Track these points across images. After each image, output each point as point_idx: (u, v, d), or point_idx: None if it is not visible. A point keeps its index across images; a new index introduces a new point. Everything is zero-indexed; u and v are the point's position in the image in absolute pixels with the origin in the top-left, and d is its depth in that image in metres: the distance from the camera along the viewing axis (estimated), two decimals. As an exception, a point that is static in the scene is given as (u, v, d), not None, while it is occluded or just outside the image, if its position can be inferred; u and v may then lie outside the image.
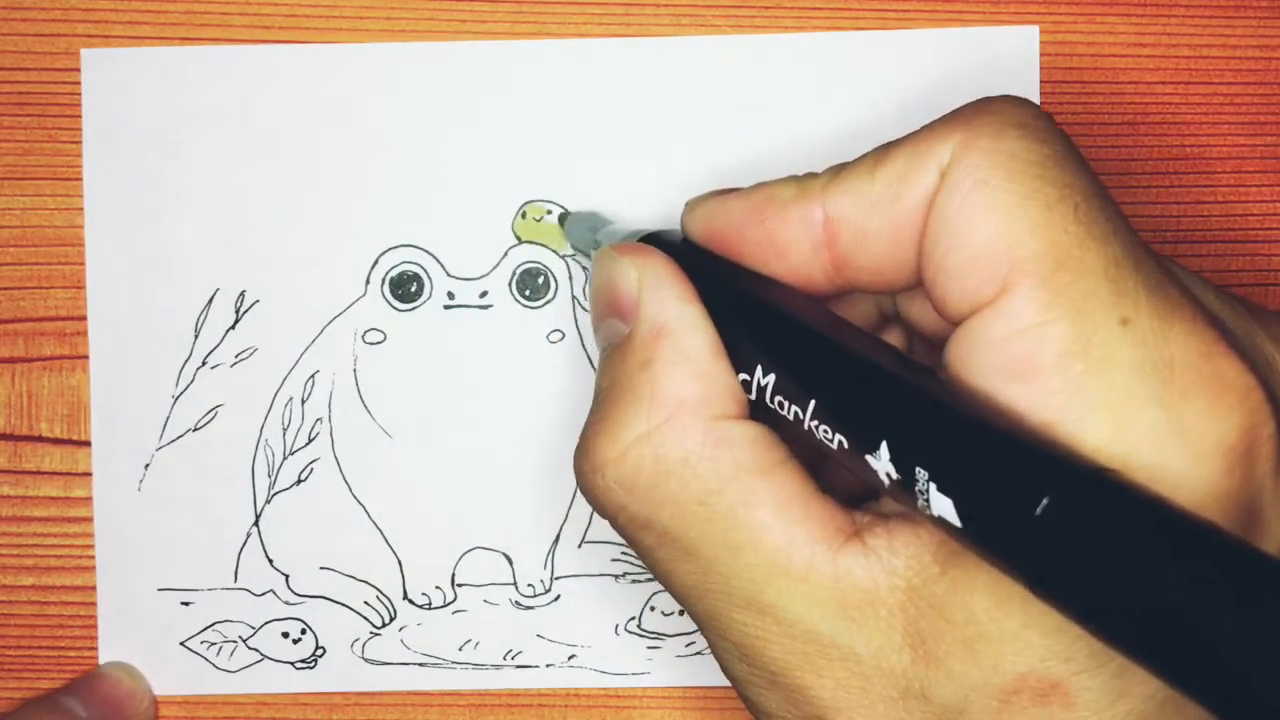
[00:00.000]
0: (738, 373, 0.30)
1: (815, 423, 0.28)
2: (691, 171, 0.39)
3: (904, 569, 0.27)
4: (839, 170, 0.30)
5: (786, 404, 0.29)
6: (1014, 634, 0.26)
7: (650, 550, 0.30)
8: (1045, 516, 0.23)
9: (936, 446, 0.25)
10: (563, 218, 0.39)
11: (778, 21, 0.39)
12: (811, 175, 0.30)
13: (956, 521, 0.25)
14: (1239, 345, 0.26)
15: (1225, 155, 0.39)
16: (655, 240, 0.33)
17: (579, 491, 0.31)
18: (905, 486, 0.26)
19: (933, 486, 0.25)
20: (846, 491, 0.30)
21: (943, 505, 0.25)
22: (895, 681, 0.28)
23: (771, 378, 0.29)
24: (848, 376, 0.28)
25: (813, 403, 0.28)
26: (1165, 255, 0.30)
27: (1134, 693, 0.26)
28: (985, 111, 0.28)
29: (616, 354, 0.31)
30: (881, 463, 0.26)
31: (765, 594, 0.28)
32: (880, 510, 0.29)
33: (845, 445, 0.27)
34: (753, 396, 0.30)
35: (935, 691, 0.27)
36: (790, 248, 0.30)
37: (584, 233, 0.37)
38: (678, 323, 0.30)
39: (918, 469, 0.25)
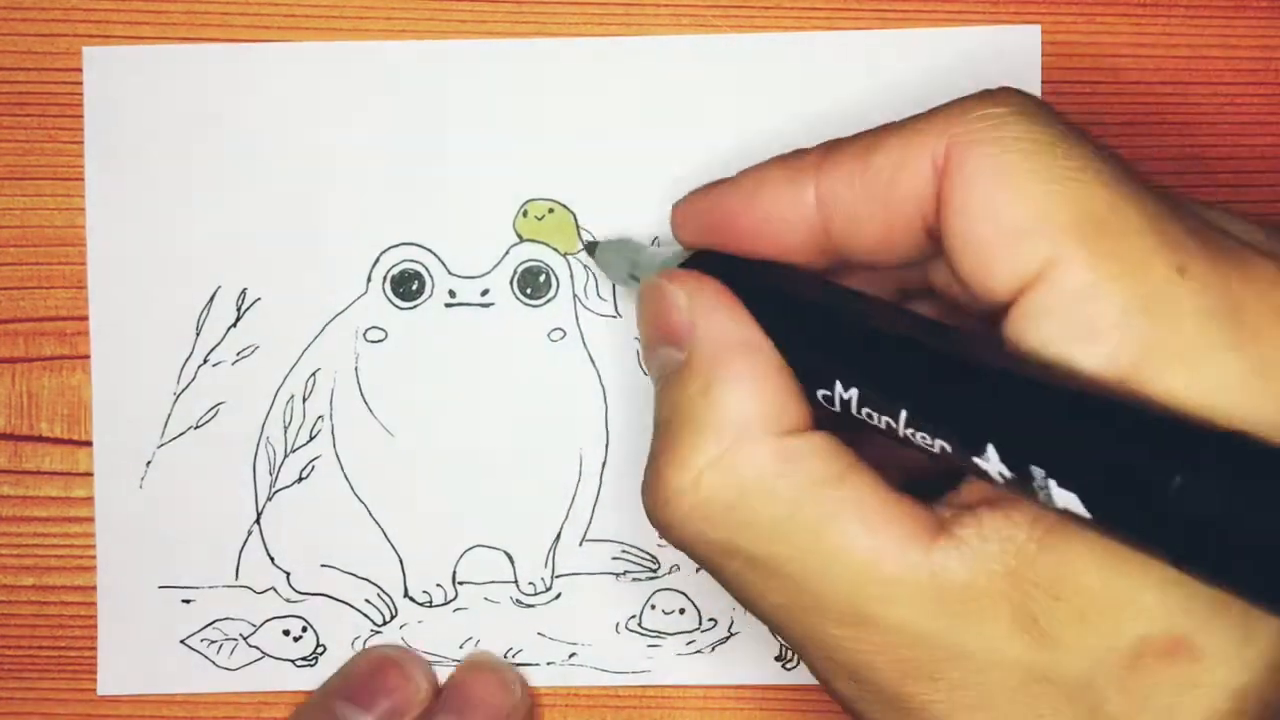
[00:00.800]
0: (816, 389, 0.29)
1: (911, 430, 0.27)
2: (691, 171, 0.39)
3: (1000, 554, 0.27)
4: (830, 150, 0.30)
5: (876, 415, 0.28)
6: (1128, 598, 0.26)
7: (735, 576, 0.30)
8: (1180, 494, 0.23)
9: (1048, 444, 0.25)
10: (591, 247, 0.39)
11: (778, 21, 0.39)
12: (801, 152, 0.30)
13: (1084, 513, 0.24)
14: None
15: (1225, 155, 0.40)
16: (701, 260, 0.32)
17: (654, 528, 0.30)
18: (1021, 484, 0.25)
19: (1052, 483, 0.24)
20: (921, 480, 0.29)
21: (1066, 499, 0.24)
22: (1013, 671, 0.27)
23: (854, 391, 0.28)
24: (937, 381, 0.27)
25: (904, 412, 0.27)
26: (1208, 201, 0.29)
27: (1260, 635, 0.26)
28: (984, 103, 0.28)
29: (674, 381, 0.30)
30: (991, 464, 0.25)
31: (862, 604, 0.28)
32: (962, 501, 0.28)
33: (949, 449, 0.26)
34: (837, 409, 0.29)
35: (1059, 671, 0.27)
36: (785, 230, 0.30)
37: (618, 262, 0.37)
38: (735, 344, 0.30)
39: (1032, 467, 0.25)
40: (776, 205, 0.30)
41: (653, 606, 0.40)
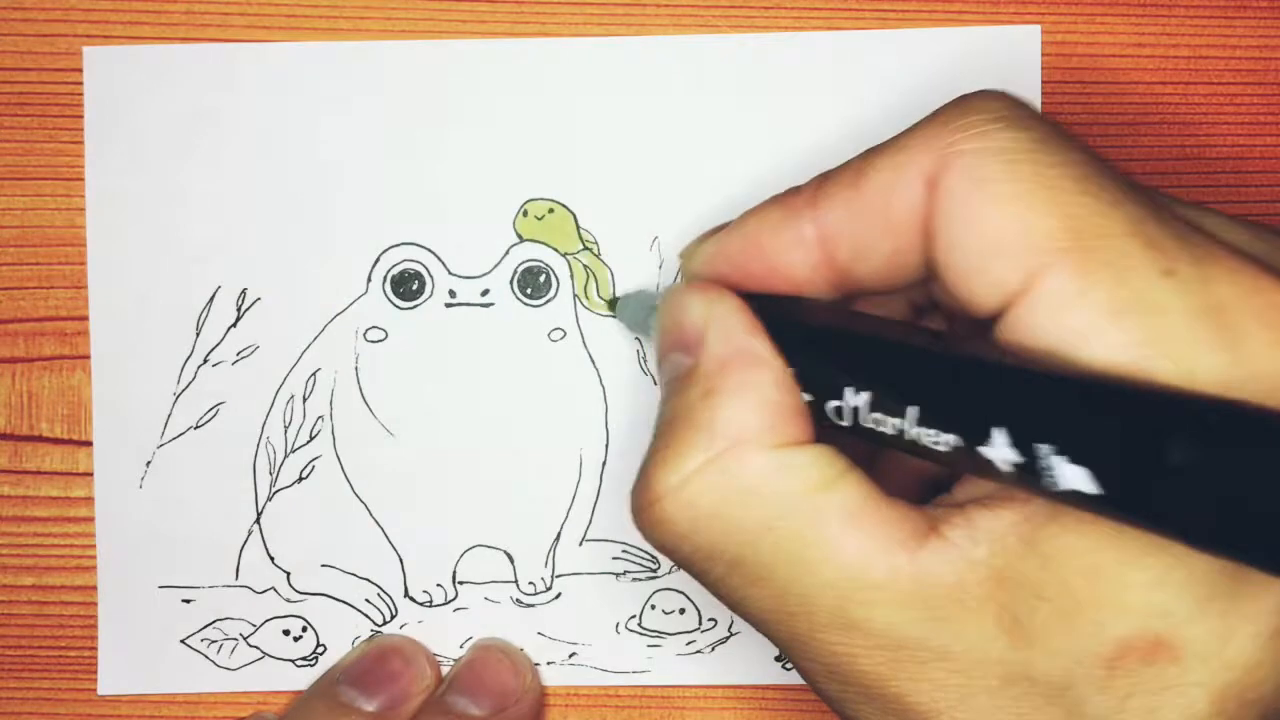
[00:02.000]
0: (827, 400, 0.29)
1: (920, 430, 0.27)
2: (691, 170, 0.39)
3: (988, 554, 0.27)
4: (822, 183, 0.30)
5: (885, 419, 0.28)
6: (1110, 599, 0.26)
7: (720, 580, 0.30)
8: (1188, 461, 0.23)
9: (1057, 420, 0.25)
10: (612, 303, 0.39)
11: (777, 21, 0.39)
12: (794, 191, 0.30)
13: (1094, 490, 0.24)
14: None
15: (1225, 155, 0.40)
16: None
17: (636, 528, 0.31)
18: (1027, 469, 0.25)
19: (1059, 462, 0.24)
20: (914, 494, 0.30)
21: (1074, 478, 0.24)
22: (994, 670, 0.27)
23: (865, 397, 0.28)
24: (943, 376, 0.27)
25: (914, 410, 0.27)
26: (1193, 201, 0.30)
27: (1240, 634, 0.26)
28: (965, 111, 0.28)
29: (679, 385, 0.31)
30: (997, 450, 0.25)
31: (848, 609, 0.28)
32: (953, 500, 0.28)
33: (956, 444, 0.26)
34: (846, 422, 0.29)
35: (1038, 671, 0.27)
36: (792, 269, 0.30)
37: (637, 313, 0.37)
38: (743, 355, 0.30)
39: (1039, 446, 0.25)
40: (777, 246, 0.30)
41: (653, 606, 0.40)
